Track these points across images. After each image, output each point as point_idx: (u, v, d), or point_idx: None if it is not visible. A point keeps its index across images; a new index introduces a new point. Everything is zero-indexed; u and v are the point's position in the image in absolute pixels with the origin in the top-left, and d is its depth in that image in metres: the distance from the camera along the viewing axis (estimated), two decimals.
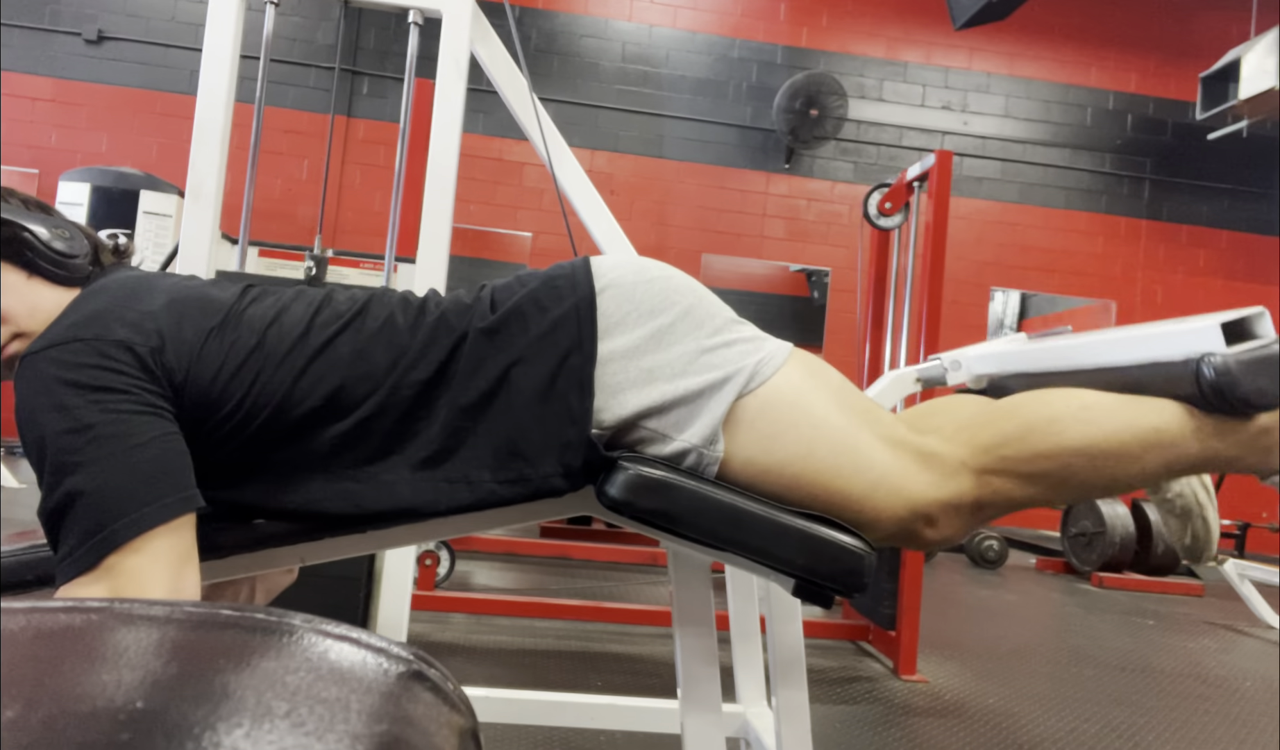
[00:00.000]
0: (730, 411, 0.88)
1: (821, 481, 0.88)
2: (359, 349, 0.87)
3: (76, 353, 0.77)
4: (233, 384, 0.83)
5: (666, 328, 0.91)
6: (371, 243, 6.21)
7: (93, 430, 0.75)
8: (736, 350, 0.91)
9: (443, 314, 0.91)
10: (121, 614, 0.30)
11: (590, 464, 0.88)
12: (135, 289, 0.86)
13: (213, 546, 0.89)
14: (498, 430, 0.87)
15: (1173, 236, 7.74)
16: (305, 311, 0.89)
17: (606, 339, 0.90)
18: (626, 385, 0.88)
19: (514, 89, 1.88)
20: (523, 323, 0.89)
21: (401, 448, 0.87)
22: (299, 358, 0.86)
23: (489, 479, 0.87)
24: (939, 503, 0.90)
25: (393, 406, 0.87)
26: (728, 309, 0.96)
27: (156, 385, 0.80)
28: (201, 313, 0.85)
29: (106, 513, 0.74)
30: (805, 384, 0.91)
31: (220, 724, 0.24)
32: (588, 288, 0.91)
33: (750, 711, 1.66)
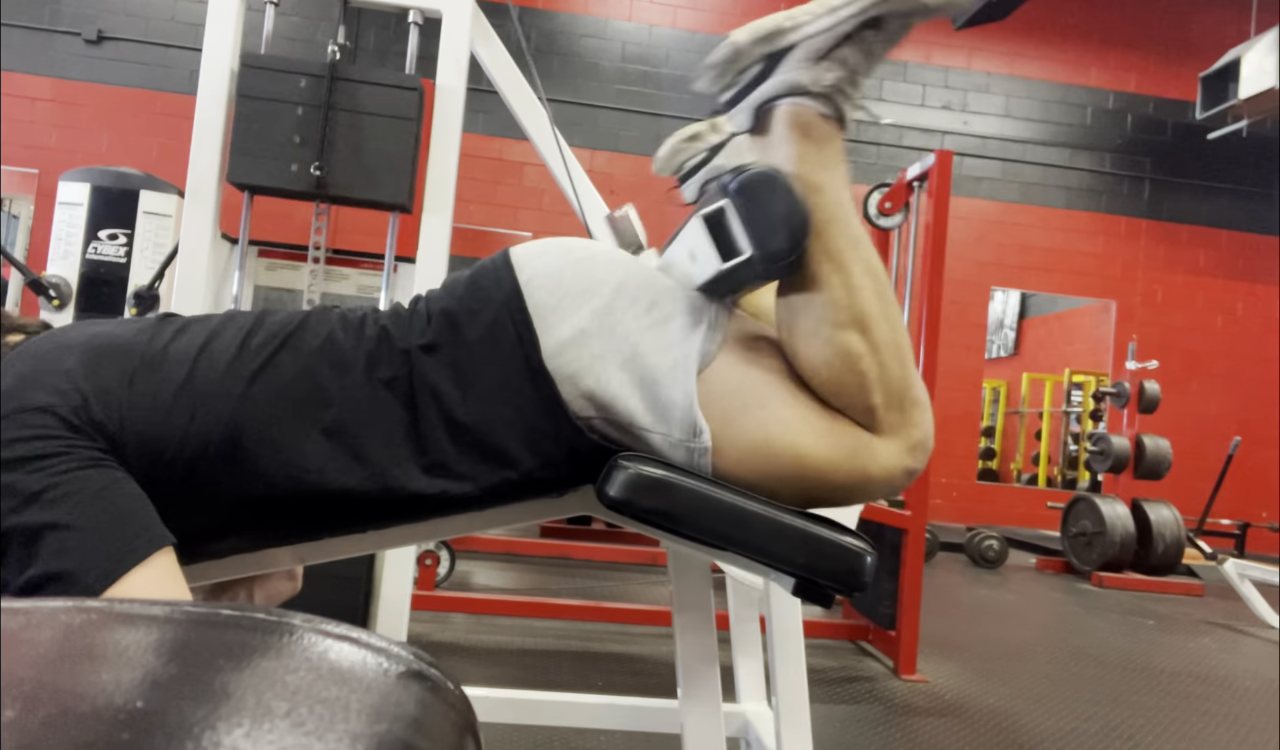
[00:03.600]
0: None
1: (791, 455, 0.87)
2: (302, 367, 0.85)
3: (2, 432, 0.75)
4: (170, 422, 0.81)
5: (604, 309, 0.88)
6: (371, 242, 6.20)
7: (42, 497, 0.73)
8: (676, 327, 0.88)
9: (382, 330, 0.88)
10: (121, 614, 0.30)
11: (575, 451, 0.88)
12: (43, 354, 0.83)
13: (213, 547, 0.89)
14: (465, 442, 0.86)
15: (1173, 236, 7.74)
16: (236, 335, 0.86)
17: (548, 330, 0.87)
18: (583, 370, 0.87)
19: (514, 89, 1.88)
20: (457, 331, 0.88)
21: (369, 466, 0.86)
22: (236, 382, 0.83)
23: (471, 489, 0.87)
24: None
25: (349, 422, 0.85)
26: (659, 277, 0.94)
27: (89, 440, 0.77)
28: (120, 358, 0.83)
29: (77, 573, 0.72)
30: (745, 358, 0.89)
31: (220, 724, 0.24)
32: (511, 282, 0.89)
33: (750, 711, 1.66)
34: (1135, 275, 7.70)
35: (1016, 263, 7.55)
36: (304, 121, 1.87)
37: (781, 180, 0.86)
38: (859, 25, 0.87)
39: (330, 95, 1.87)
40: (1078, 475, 9.07)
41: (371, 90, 1.91)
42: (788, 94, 0.89)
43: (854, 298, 0.87)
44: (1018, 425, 9.75)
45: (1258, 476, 7.59)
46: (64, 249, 3.81)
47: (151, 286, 3.72)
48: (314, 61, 1.92)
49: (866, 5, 0.86)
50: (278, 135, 1.86)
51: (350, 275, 4.36)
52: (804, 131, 0.90)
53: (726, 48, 0.91)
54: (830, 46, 0.88)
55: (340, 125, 1.88)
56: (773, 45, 0.90)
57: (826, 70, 0.89)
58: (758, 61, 0.91)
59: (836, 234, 0.88)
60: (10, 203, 6.51)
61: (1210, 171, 7.69)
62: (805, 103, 0.89)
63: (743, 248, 0.86)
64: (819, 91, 0.89)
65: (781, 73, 0.90)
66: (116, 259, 3.79)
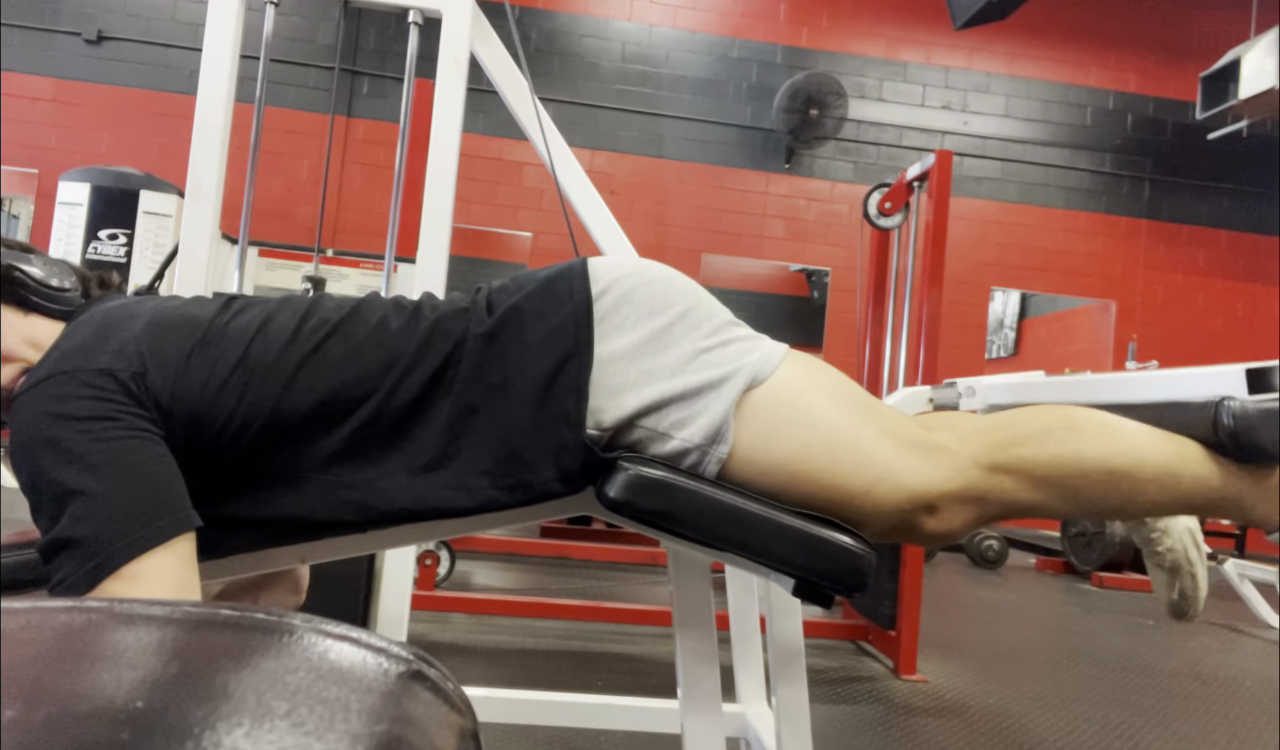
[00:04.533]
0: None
1: (821, 478, 0.88)
2: (350, 353, 0.87)
3: (61, 385, 0.78)
4: (220, 398, 0.83)
5: (665, 329, 0.90)
6: (371, 243, 6.20)
7: (84, 460, 0.75)
8: (734, 349, 0.91)
9: (439, 318, 0.90)
10: (121, 614, 0.30)
11: (588, 468, 0.88)
12: (115, 318, 0.86)
13: (213, 546, 0.90)
14: (495, 436, 0.87)
15: (1173, 236, 7.74)
16: (291, 319, 0.89)
17: (605, 341, 0.89)
18: (626, 386, 0.88)
19: (514, 89, 1.88)
20: (520, 327, 0.89)
21: (398, 453, 0.86)
22: (287, 365, 0.85)
23: (487, 485, 0.87)
24: (944, 494, 0.89)
25: (389, 411, 0.86)
26: (726, 311, 0.96)
27: (142, 409, 0.80)
28: (182, 331, 0.85)
29: (101, 540, 0.74)
30: (802, 382, 0.90)
31: (220, 724, 0.24)
32: (584, 291, 0.91)
33: (750, 711, 1.66)
34: (1135, 275, 7.70)
35: (1016, 263, 7.54)
36: None
37: None
38: None
39: None
40: None
41: None
42: None
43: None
44: None
45: None
46: (64, 249, 3.80)
47: (151, 286, 3.72)
48: None
49: None
50: None
51: (350, 275, 4.36)
52: None
53: None
54: None
55: None
56: None
57: None
58: None
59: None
60: (10, 203, 6.50)
61: (1210, 171, 7.69)
62: None
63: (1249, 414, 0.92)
64: None
65: None
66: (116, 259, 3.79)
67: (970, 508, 0.91)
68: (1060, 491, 0.92)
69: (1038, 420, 0.95)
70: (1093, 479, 0.92)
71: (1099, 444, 0.92)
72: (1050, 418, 0.95)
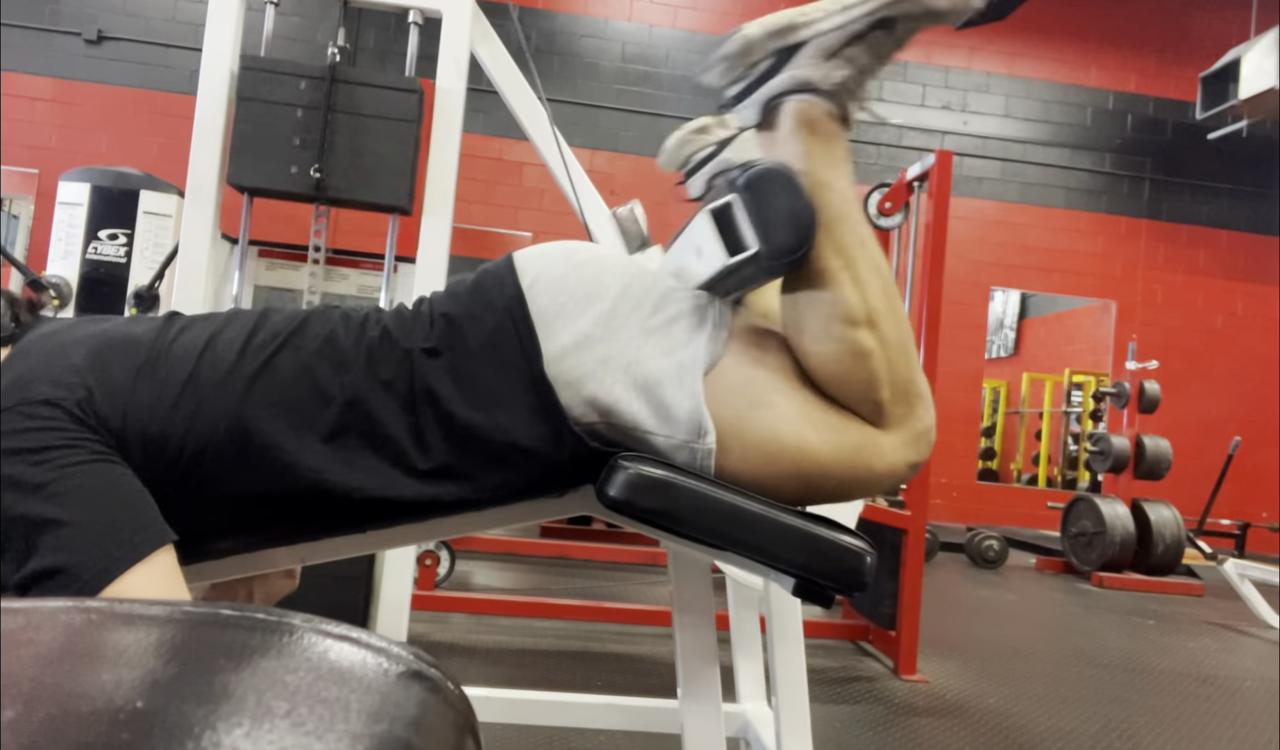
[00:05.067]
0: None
1: (797, 450, 0.87)
2: (301, 367, 0.85)
3: (5, 422, 0.75)
4: (173, 418, 0.81)
5: (607, 313, 0.88)
6: (371, 243, 6.20)
7: (45, 490, 0.73)
8: (681, 328, 0.89)
9: (385, 330, 0.88)
10: (121, 614, 0.30)
11: (577, 455, 0.88)
12: (55, 346, 0.83)
13: (213, 547, 0.89)
14: (465, 445, 0.86)
15: (1173, 236, 7.74)
16: (239, 334, 0.86)
17: (551, 334, 0.87)
18: (586, 377, 0.86)
19: (514, 89, 1.88)
20: (460, 336, 0.87)
21: (368, 467, 0.85)
22: (238, 381, 0.83)
23: (471, 491, 0.87)
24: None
25: (348, 423, 0.85)
26: (663, 278, 0.94)
27: (94, 434, 0.78)
28: (126, 354, 0.83)
29: (80, 566, 0.72)
30: (751, 353, 0.89)
31: (220, 724, 0.24)
32: (514, 285, 0.89)
33: (750, 711, 1.66)
34: (1135, 275, 7.70)
35: (1016, 263, 7.55)
36: (304, 124, 1.87)
37: (790, 176, 0.86)
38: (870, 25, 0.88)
39: (330, 97, 1.87)
40: (1078, 475, 9.07)
41: (372, 93, 1.91)
42: (797, 90, 0.90)
43: (863, 293, 0.87)
44: (1018, 425, 9.75)
45: (1258, 476, 7.59)
46: (64, 249, 3.81)
47: (151, 286, 3.72)
48: (314, 64, 1.92)
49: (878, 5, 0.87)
50: (277, 137, 1.86)
51: (350, 275, 4.36)
52: (811, 128, 0.90)
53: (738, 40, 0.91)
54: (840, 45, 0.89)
55: (340, 127, 1.88)
56: (784, 40, 0.90)
57: (836, 68, 0.89)
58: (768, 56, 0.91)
59: (844, 231, 0.88)
60: (10, 203, 6.51)
61: (1210, 171, 7.69)
62: (814, 99, 0.90)
63: (750, 243, 0.86)
64: (828, 89, 0.89)
65: (791, 68, 0.90)
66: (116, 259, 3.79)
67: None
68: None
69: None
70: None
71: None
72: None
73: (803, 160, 0.89)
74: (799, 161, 0.89)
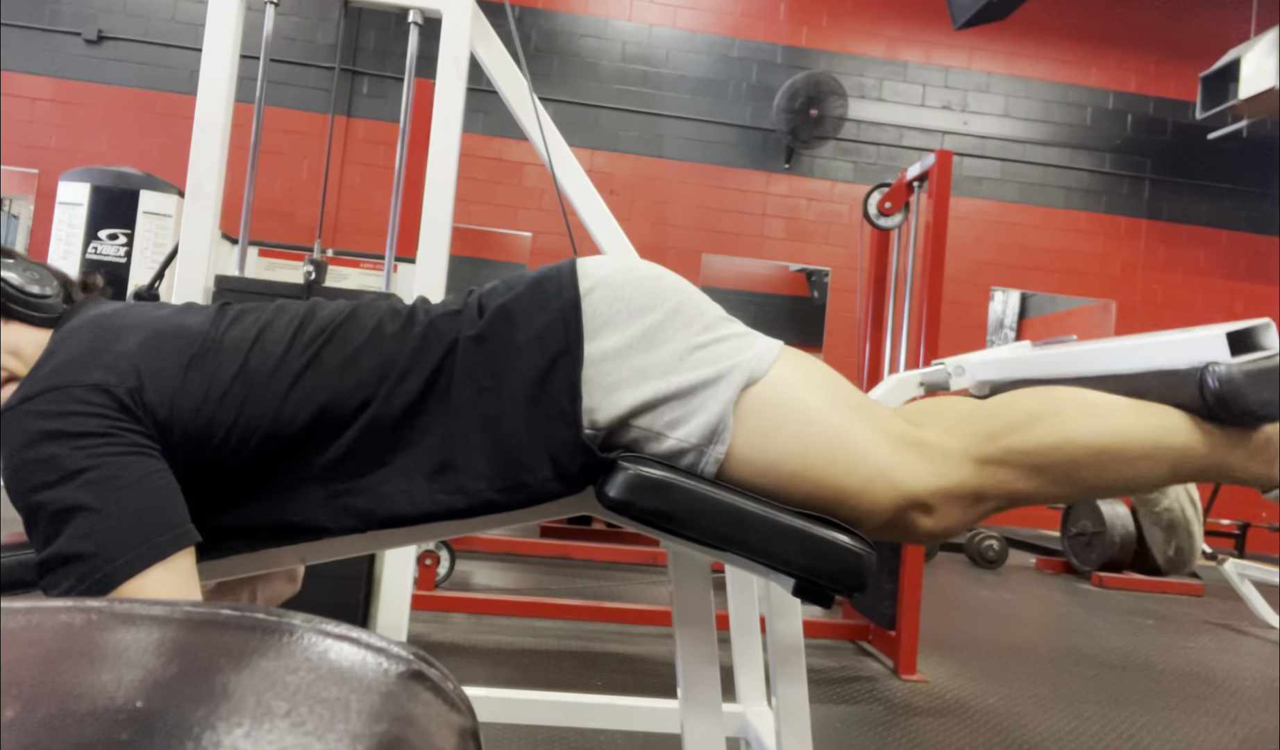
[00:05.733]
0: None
1: (816, 477, 0.88)
2: (346, 360, 0.86)
3: (54, 401, 0.76)
4: (220, 412, 0.82)
5: (657, 326, 0.90)
6: (371, 243, 6.20)
7: (79, 477, 0.74)
8: (728, 347, 0.90)
9: (431, 322, 0.89)
10: (121, 614, 0.30)
11: (586, 467, 0.88)
12: (108, 329, 0.84)
13: (214, 548, 0.90)
14: (492, 438, 0.87)
15: (1173, 236, 7.74)
16: (288, 328, 0.88)
17: (596, 339, 0.89)
18: (620, 384, 0.88)
19: (514, 89, 1.88)
20: (510, 328, 0.89)
21: (397, 458, 0.86)
22: (285, 376, 0.84)
23: (485, 488, 0.87)
24: (938, 491, 0.89)
25: (386, 417, 0.86)
26: (717, 306, 0.96)
27: (139, 424, 0.79)
28: (178, 344, 0.84)
29: (101, 556, 0.73)
30: (797, 380, 0.90)
31: (220, 724, 0.24)
32: (573, 290, 0.90)
33: (750, 711, 1.66)
34: (1135, 275, 7.70)
35: (1016, 263, 7.54)
36: None
37: None
38: None
39: None
40: None
41: None
42: None
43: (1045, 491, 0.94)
44: None
45: None
46: (64, 249, 3.80)
47: (151, 286, 3.72)
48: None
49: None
50: None
51: (350, 275, 4.36)
52: None
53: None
54: None
55: None
56: None
57: None
58: None
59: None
60: (10, 203, 6.50)
61: (1210, 171, 7.69)
62: None
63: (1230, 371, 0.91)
64: None
65: None
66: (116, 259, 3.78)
67: (965, 504, 0.91)
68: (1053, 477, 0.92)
69: (1023, 407, 0.95)
70: (1083, 461, 0.92)
71: (1086, 426, 0.92)
72: (1035, 403, 0.95)
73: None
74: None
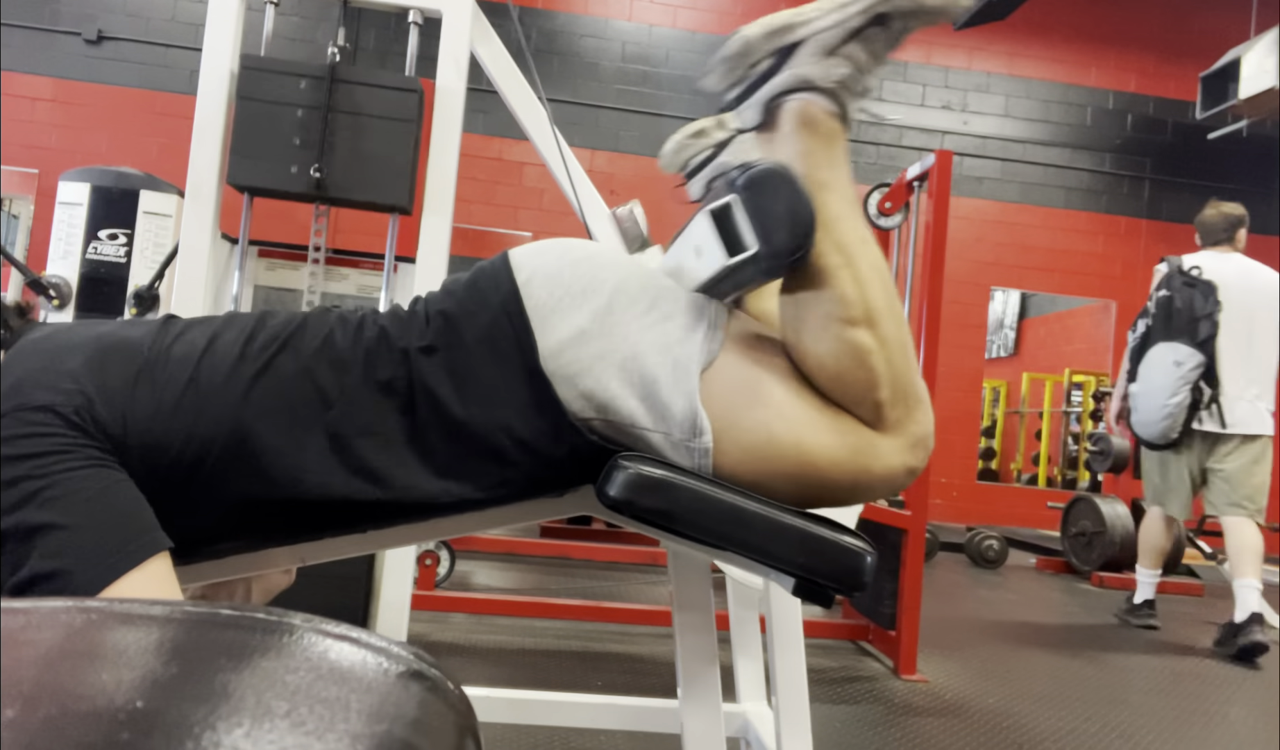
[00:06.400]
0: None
1: (798, 452, 0.87)
2: (301, 368, 0.85)
3: (2, 428, 0.75)
4: (174, 424, 0.81)
5: (604, 309, 0.88)
6: (371, 243, 6.20)
7: (37, 497, 0.73)
8: (676, 325, 0.88)
9: (381, 330, 0.88)
10: (121, 614, 0.30)
11: (576, 451, 0.88)
12: (51, 350, 0.83)
13: (213, 548, 0.89)
14: (464, 443, 0.86)
15: (1173, 236, 7.74)
16: (238, 336, 0.86)
17: (547, 330, 0.87)
18: (582, 372, 0.86)
19: (514, 89, 1.88)
20: (457, 333, 0.88)
21: (370, 468, 0.85)
22: (238, 384, 0.83)
23: (471, 490, 0.87)
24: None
25: (348, 424, 0.85)
26: (660, 277, 0.94)
27: (91, 440, 0.77)
28: (123, 359, 0.83)
29: (71, 573, 0.72)
30: (750, 353, 0.89)
31: (220, 724, 0.24)
32: (509, 281, 0.89)
33: (750, 711, 1.66)
34: (1135, 275, 7.70)
35: (1016, 263, 7.54)
36: (303, 123, 1.87)
37: (789, 176, 0.86)
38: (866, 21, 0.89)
39: (330, 97, 1.87)
40: (1078, 475, 9.07)
41: (371, 92, 1.91)
42: (797, 89, 0.90)
43: (863, 292, 0.87)
44: (1018, 425, 9.75)
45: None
46: (64, 249, 3.80)
47: (151, 286, 3.72)
48: (314, 63, 1.92)
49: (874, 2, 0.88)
50: (277, 137, 1.86)
51: (350, 275, 4.36)
52: (811, 128, 0.90)
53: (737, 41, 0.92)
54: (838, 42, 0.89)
55: (340, 127, 1.89)
56: (783, 39, 0.91)
57: (835, 66, 0.90)
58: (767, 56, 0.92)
59: (845, 229, 0.88)
60: (10, 203, 6.51)
61: (1210, 171, 7.69)
62: (813, 98, 0.90)
63: (749, 243, 0.86)
64: (827, 87, 0.90)
65: (791, 67, 0.90)
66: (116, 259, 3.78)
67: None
68: None
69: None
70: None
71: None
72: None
73: (802, 160, 0.89)
74: (799, 161, 0.89)
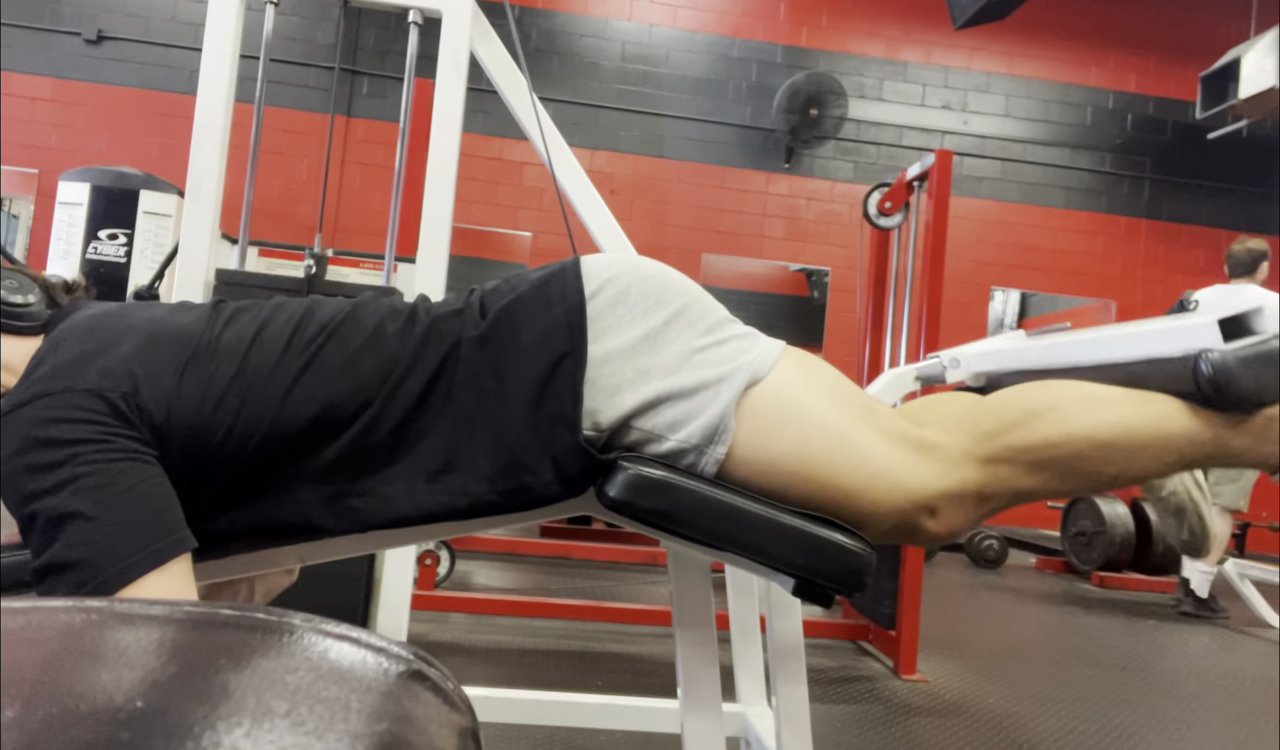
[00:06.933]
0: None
1: (818, 478, 0.88)
2: (347, 360, 0.85)
3: (48, 407, 0.75)
4: (218, 414, 0.81)
5: (660, 327, 0.89)
6: (372, 243, 6.20)
7: (73, 484, 0.74)
8: (730, 348, 0.90)
9: (433, 321, 0.89)
10: (121, 614, 0.30)
11: (587, 470, 0.88)
12: (101, 332, 0.83)
13: (213, 546, 0.89)
14: (494, 439, 0.86)
15: (1173, 236, 7.74)
16: (286, 326, 0.87)
17: (600, 340, 0.88)
18: (623, 385, 0.87)
19: (514, 89, 1.88)
20: (513, 329, 0.88)
21: (398, 460, 0.86)
22: (284, 376, 0.84)
23: (487, 489, 0.86)
24: (942, 493, 0.89)
25: (387, 418, 0.85)
26: (721, 307, 0.95)
27: (133, 430, 0.78)
28: (174, 346, 0.83)
29: (96, 564, 0.73)
30: (798, 380, 0.90)
31: (220, 723, 0.24)
32: (577, 291, 0.90)
33: (750, 711, 1.66)
34: (1135, 275, 7.69)
35: (1016, 263, 7.54)
36: None
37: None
38: None
39: None
40: None
41: None
42: None
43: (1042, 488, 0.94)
44: None
45: (1257, 476, 7.58)
46: (64, 249, 3.80)
47: (151, 286, 3.71)
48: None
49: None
50: None
51: (350, 275, 4.36)
52: None
53: None
54: None
55: None
56: None
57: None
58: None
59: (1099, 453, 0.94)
60: (10, 203, 6.50)
61: (1210, 171, 7.69)
62: None
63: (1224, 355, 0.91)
64: None
65: None
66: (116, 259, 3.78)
67: (970, 504, 0.91)
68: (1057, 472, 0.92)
69: (1022, 403, 0.94)
70: (1086, 454, 0.91)
71: (1086, 419, 0.91)
72: (1034, 398, 0.94)
73: None
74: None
